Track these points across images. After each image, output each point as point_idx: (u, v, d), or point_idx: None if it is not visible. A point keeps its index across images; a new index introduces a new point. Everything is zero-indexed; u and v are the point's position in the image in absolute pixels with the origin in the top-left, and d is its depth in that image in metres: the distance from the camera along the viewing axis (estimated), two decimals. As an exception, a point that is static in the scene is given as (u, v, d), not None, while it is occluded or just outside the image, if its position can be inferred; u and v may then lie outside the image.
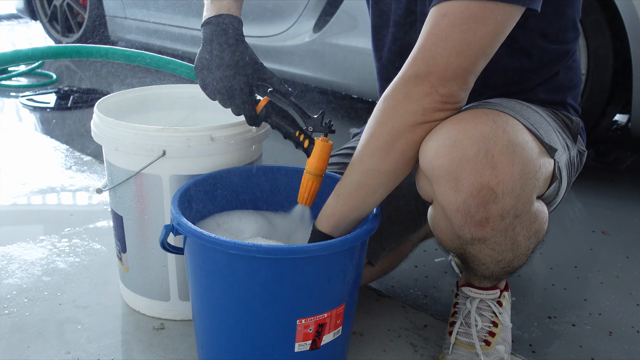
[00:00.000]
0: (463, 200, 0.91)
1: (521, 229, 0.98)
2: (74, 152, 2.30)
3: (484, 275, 1.12)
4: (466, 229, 0.95)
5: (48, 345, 1.20)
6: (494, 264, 1.05)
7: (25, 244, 1.58)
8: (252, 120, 1.10)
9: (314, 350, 0.99)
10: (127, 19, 3.73)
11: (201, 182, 1.12)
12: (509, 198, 0.91)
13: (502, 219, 0.93)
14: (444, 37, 0.89)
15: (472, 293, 1.16)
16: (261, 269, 0.90)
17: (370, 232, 0.97)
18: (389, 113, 0.93)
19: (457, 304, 1.21)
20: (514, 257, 1.04)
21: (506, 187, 0.90)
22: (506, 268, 1.07)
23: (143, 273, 1.25)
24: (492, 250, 1.01)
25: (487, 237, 0.97)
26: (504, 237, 0.97)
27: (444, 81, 0.89)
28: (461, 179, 0.90)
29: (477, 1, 0.87)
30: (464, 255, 1.06)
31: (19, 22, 5.84)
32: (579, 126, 1.20)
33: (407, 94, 0.91)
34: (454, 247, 1.05)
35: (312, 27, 2.62)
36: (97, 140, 1.20)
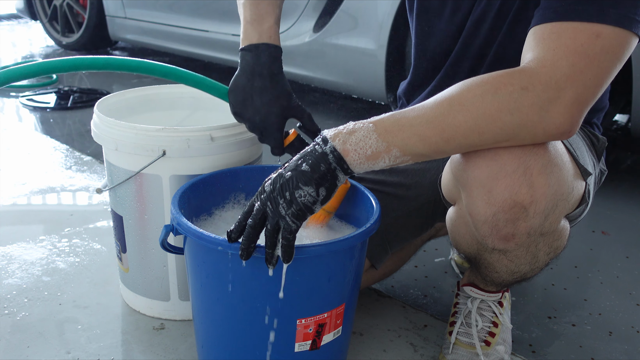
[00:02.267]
0: (493, 213, 0.90)
1: (544, 245, 0.98)
2: (74, 152, 2.30)
3: (493, 282, 1.12)
4: (489, 240, 0.95)
5: (48, 345, 1.20)
6: (508, 274, 1.05)
7: (25, 244, 1.58)
8: (276, 152, 1.12)
9: (314, 350, 0.99)
10: (127, 19, 3.73)
11: (201, 182, 1.12)
12: (539, 217, 0.90)
13: (528, 236, 0.93)
14: (597, 62, 0.82)
15: (473, 293, 1.16)
16: (261, 269, 0.90)
17: (370, 232, 0.97)
18: (518, 129, 0.84)
19: (457, 303, 1.21)
20: (529, 270, 1.04)
21: (538, 207, 0.89)
22: (518, 279, 1.07)
23: (143, 273, 1.25)
24: (510, 262, 1.01)
25: (509, 249, 0.96)
26: (525, 251, 0.97)
27: (584, 109, 0.83)
28: (495, 193, 0.89)
29: (625, 30, 0.82)
30: (477, 260, 1.06)
31: (19, 22, 5.85)
32: (604, 146, 1.19)
33: (541, 107, 0.82)
34: (470, 252, 1.05)
35: (312, 27, 2.62)
36: (97, 140, 1.20)
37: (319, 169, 0.84)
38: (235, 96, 1.10)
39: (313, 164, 0.85)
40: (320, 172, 0.84)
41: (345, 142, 0.85)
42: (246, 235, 0.86)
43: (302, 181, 0.84)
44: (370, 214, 1.03)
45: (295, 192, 0.83)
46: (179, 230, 0.96)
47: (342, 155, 0.85)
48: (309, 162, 0.85)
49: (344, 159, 0.85)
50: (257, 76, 1.08)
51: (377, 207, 1.02)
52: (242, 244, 0.86)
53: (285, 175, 0.85)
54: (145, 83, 1.47)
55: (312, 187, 0.84)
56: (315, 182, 0.84)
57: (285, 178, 0.84)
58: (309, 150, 0.87)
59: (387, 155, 0.85)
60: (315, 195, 0.84)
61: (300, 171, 0.84)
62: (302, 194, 0.84)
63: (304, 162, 0.85)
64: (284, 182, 0.84)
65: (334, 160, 0.85)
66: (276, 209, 0.84)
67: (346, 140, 0.85)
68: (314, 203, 0.85)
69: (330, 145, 0.85)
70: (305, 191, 0.84)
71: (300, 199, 0.84)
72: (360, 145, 0.85)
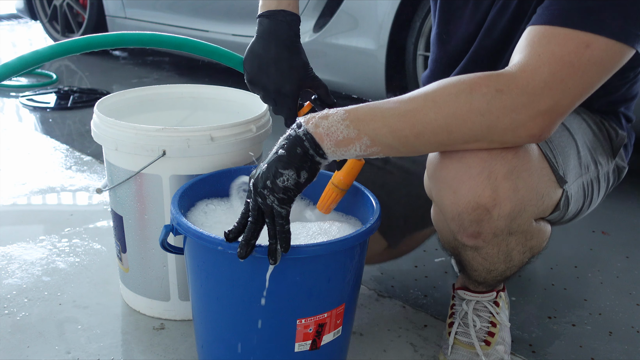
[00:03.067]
0: (458, 213, 0.92)
1: (516, 244, 0.98)
2: (74, 152, 2.30)
3: (477, 281, 1.12)
4: (459, 236, 0.97)
5: (48, 345, 1.20)
6: (486, 272, 1.06)
7: (25, 244, 1.58)
8: (290, 124, 1.09)
9: (314, 350, 0.99)
10: (127, 19, 3.73)
11: (201, 182, 1.11)
12: (503, 220, 0.92)
13: (494, 236, 0.94)
14: (581, 72, 0.81)
15: (467, 296, 1.17)
16: (261, 268, 0.90)
17: (370, 232, 0.97)
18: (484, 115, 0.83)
19: (454, 305, 1.21)
20: (506, 269, 1.04)
21: (502, 210, 0.90)
22: (498, 277, 1.08)
23: (143, 273, 1.25)
24: (484, 260, 1.01)
25: (479, 247, 0.98)
26: (497, 250, 0.98)
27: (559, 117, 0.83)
28: (459, 194, 0.91)
29: (620, 43, 0.82)
30: (458, 258, 1.07)
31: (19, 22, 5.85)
32: (623, 142, 1.17)
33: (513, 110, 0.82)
34: (451, 248, 1.06)
35: (312, 27, 2.62)
36: (97, 140, 1.20)
37: (295, 151, 0.84)
38: (250, 63, 1.07)
39: (289, 147, 0.85)
40: (297, 154, 0.84)
41: (318, 125, 0.85)
42: (247, 230, 0.85)
43: (280, 166, 0.84)
44: (371, 213, 1.03)
45: (276, 179, 0.83)
46: (179, 230, 0.96)
47: (315, 138, 0.85)
48: (285, 146, 0.85)
49: (319, 143, 0.85)
50: (273, 44, 1.05)
51: (377, 207, 1.02)
52: (243, 238, 0.86)
53: (264, 165, 0.85)
54: (145, 83, 1.48)
55: (291, 170, 0.84)
56: (294, 166, 0.84)
57: (265, 167, 0.85)
58: (285, 135, 0.87)
59: (358, 143, 0.85)
60: (296, 178, 0.84)
61: (277, 156, 0.85)
62: (284, 179, 0.84)
63: (280, 147, 0.86)
64: (265, 171, 0.85)
65: (309, 144, 0.85)
66: (264, 200, 0.84)
67: (318, 124, 0.85)
68: (297, 185, 0.84)
69: (304, 128, 0.85)
70: (286, 175, 0.84)
71: (282, 184, 0.83)
72: (331, 130, 0.85)
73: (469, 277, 1.12)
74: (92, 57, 4.19)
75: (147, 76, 3.69)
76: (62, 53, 1.06)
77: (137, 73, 3.79)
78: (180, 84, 1.46)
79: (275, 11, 1.06)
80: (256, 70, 1.07)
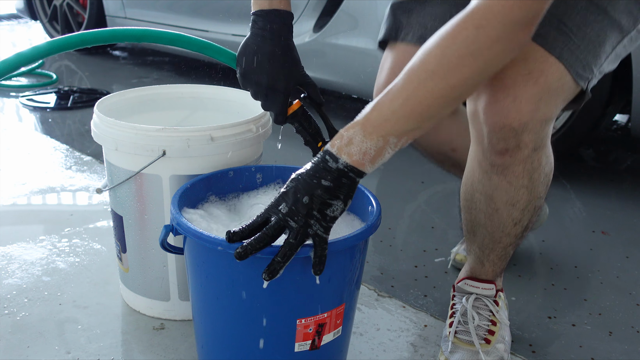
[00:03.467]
0: (488, 132, 1.00)
1: (538, 164, 1.04)
2: (74, 152, 2.30)
3: (488, 246, 1.14)
4: (489, 155, 1.03)
5: (48, 345, 1.20)
6: (508, 206, 1.08)
7: (25, 244, 1.58)
8: (280, 120, 1.12)
9: (314, 350, 0.99)
10: (127, 19, 3.73)
11: (201, 182, 1.12)
12: (527, 134, 0.98)
13: (518, 149, 1.00)
14: None
15: (467, 286, 1.18)
16: (261, 269, 0.90)
17: (370, 232, 0.97)
18: (485, 64, 0.85)
19: (454, 304, 1.21)
20: (527, 203, 1.08)
21: (526, 127, 0.97)
22: (516, 226, 1.11)
23: (143, 273, 1.26)
24: (509, 185, 1.05)
25: (506, 165, 1.03)
26: (522, 168, 1.03)
27: (536, 21, 0.85)
28: (488, 116, 0.98)
29: None
30: (484, 193, 1.09)
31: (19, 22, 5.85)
32: None
33: (510, 37, 0.83)
34: (476, 188, 1.10)
35: (312, 27, 2.62)
36: (97, 140, 1.20)
37: (341, 182, 0.87)
38: (244, 59, 1.09)
39: (334, 180, 0.86)
40: (345, 185, 0.87)
41: (351, 154, 0.86)
42: (258, 241, 0.86)
43: (327, 197, 0.86)
44: (371, 213, 1.03)
45: (324, 209, 0.86)
46: (179, 230, 0.96)
47: (356, 167, 0.87)
48: (328, 178, 0.86)
49: (361, 170, 0.87)
50: (267, 41, 1.08)
51: (377, 206, 1.02)
52: (250, 246, 0.86)
53: (308, 193, 0.86)
54: (145, 83, 1.48)
55: (339, 200, 0.87)
56: (342, 196, 0.87)
57: (307, 195, 0.86)
58: (322, 167, 0.87)
59: (387, 147, 0.87)
60: (344, 207, 0.87)
61: (324, 187, 0.86)
62: (333, 209, 0.87)
63: (321, 178, 0.86)
64: (308, 199, 0.86)
65: (354, 174, 0.87)
66: (305, 225, 0.86)
67: (350, 152, 0.86)
68: (342, 212, 0.88)
69: (343, 162, 0.87)
70: (335, 206, 0.87)
71: (331, 214, 0.86)
72: (363, 151, 0.86)
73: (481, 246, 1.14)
74: (92, 57, 4.20)
75: (147, 76, 3.69)
76: (58, 49, 1.06)
77: (137, 73, 3.79)
78: (180, 84, 1.46)
79: (268, 10, 1.08)
80: (250, 65, 1.09)
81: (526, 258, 1.65)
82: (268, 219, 0.87)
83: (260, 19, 1.08)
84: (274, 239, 0.87)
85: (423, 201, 2.06)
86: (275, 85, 1.08)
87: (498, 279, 1.24)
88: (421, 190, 2.13)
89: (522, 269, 1.58)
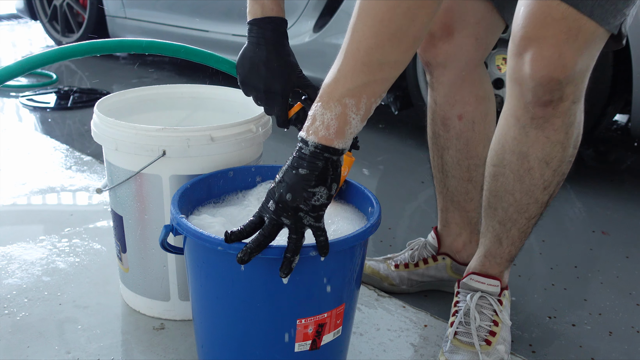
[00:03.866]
0: (534, 85, 1.02)
1: (574, 119, 1.07)
2: (74, 152, 2.30)
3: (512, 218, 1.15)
4: (532, 107, 1.05)
5: (48, 345, 1.20)
6: (542, 164, 1.09)
7: (25, 244, 1.58)
8: (282, 123, 1.14)
9: (314, 350, 0.99)
10: (127, 19, 3.73)
11: (201, 182, 1.12)
12: (570, 86, 1.02)
13: (561, 101, 1.03)
14: None
15: (473, 282, 1.18)
16: (261, 269, 0.90)
17: (370, 232, 0.97)
18: None
19: (457, 302, 1.21)
20: (559, 163, 1.09)
21: (570, 79, 1.01)
22: (545, 191, 1.12)
23: (143, 273, 1.26)
24: (547, 139, 1.07)
25: (547, 117, 1.05)
26: (560, 122, 1.06)
27: None
28: (536, 69, 1.01)
29: None
30: (518, 155, 1.11)
31: (19, 22, 5.85)
32: None
33: None
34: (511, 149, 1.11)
35: (312, 27, 2.62)
36: (97, 140, 1.20)
37: (316, 165, 0.84)
38: (242, 66, 1.14)
39: (309, 165, 0.84)
40: (319, 167, 0.84)
41: (317, 132, 0.84)
42: (257, 244, 0.86)
43: (307, 186, 0.84)
44: (371, 213, 1.03)
45: (310, 199, 0.85)
46: (179, 230, 0.96)
47: (324, 144, 0.84)
48: (304, 165, 0.85)
49: (331, 146, 0.85)
50: (262, 48, 1.11)
51: (377, 206, 1.02)
52: (250, 249, 0.86)
53: (284, 187, 0.85)
54: (145, 83, 1.48)
55: (322, 186, 0.85)
56: (322, 180, 0.85)
57: (289, 189, 0.85)
58: (297, 155, 0.86)
59: (349, 112, 0.84)
60: (328, 192, 0.86)
61: (301, 176, 0.84)
62: (318, 197, 0.85)
63: (298, 167, 0.85)
64: (292, 193, 0.85)
65: (327, 153, 0.85)
66: (296, 219, 0.85)
67: (316, 130, 0.84)
68: (329, 197, 0.86)
69: (312, 142, 0.84)
70: (319, 193, 0.85)
71: (318, 203, 0.85)
72: (326, 125, 0.84)
73: (513, 204, 1.14)
74: (92, 57, 4.19)
75: (147, 76, 3.69)
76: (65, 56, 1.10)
77: (137, 73, 3.79)
78: (180, 84, 1.46)
79: (261, 19, 1.12)
80: (247, 71, 1.13)
81: (526, 258, 1.65)
82: (262, 219, 0.88)
83: (255, 27, 1.12)
84: (272, 238, 0.87)
85: (423, 201, 2.06)
86: (272, 90, 1.11)
87: (505, 272, 1.24)
88: (421, 190, 2.13)
89: (522, 269, 1.58)
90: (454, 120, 1.33)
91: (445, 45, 1.27)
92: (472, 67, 1.30)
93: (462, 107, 1.32)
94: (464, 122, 1.33)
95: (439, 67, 1.30)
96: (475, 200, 1.39)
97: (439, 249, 1.44)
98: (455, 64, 1.29)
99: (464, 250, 1.43)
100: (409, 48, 0.85)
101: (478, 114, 1.32)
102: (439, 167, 1.39)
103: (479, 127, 1.33)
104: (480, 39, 1.28)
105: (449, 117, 1.33)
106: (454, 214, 1.41)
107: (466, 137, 1.33)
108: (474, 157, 1.34)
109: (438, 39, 1.26)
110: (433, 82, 1.33)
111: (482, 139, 1.33)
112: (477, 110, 1.32)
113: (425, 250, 1.46)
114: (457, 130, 1.33)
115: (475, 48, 1.28)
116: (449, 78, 1.30)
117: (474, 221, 1.41)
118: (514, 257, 1.22)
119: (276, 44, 1.12)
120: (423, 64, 1.33)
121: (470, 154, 1.34)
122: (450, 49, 1.27)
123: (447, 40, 1.26)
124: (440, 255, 1.44)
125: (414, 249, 1.47)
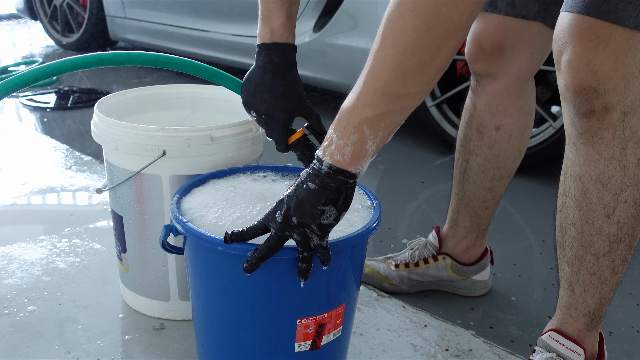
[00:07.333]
0: (571, 95, 0.97)
1: (631, 134, 0.95)
2: (74, 152, 2.30)
3: (578, 255, 1.04)
4: (576, 121, 0.99)
5: (48, 345, 1.20)
6: (598, 185, 0.99)
7: (25, 244, 1.58)
8: (279, 148, 1.15)
9: (314, 350, 0.99)
10: (127, 19, 3.73)
11: (201, 182, 1.11)
12: (612, 95, 0.93)
13: (606, 111, 0.95)
14: None
15: (551, 340, 1.08)
16: (261, 269, 0.90)
17: (370, 232, 0.97)
18: (427, 20, 0.79)
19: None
20: (621, 185, 0.98)
21: (607, 86, 0.93)
22: (609, 219, 1.00)
23: (143, 273, 1.26)
24: (598, 156, 0.97)
25: (594, 129, 0.97)
26: (612, 134, 0.96)
27: None
28: (568, 81, 0.96)
29: None
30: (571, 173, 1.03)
31: (19, 22, 5.85)
32: None
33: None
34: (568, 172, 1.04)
35: (312, 27, 2.62)
36: (97, 140, 1.20)
37: (326, 185, 0.85)
38: (247, 89, 1.14)
39: (320, 181, 0.85)
40: (330, 188, 0.85)
41: (332, 154, 0.85)
42: (261, 254, 0.87)
43: (318, 203, 0.84)
44: (372, 213, 1.03)
45: (320, 217, 0.84)
46: (179, 230, 0.96)
47: (338, 167, 0.85)
48: (316, 182, 0.85)
49: (343, 169, 0.85)
50: (269, 74, 1.11)
51: (377, 206, 1.02)
52: (254, 260, 0.87)
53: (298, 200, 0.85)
54: (145, 83, 1.48)
55: (331, 206, 0.85)
56: (332, 201, 0.85)
57: (300, 204, 0.85)
58: (311, 171, 0.86)
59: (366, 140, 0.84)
60: (337, 214, 0.85)
61: (310, 190, 0.85)
62: (327, 217, 0.85)
63: (308, 181, 0.85)
64: (301, 208, 0.85)
65: (341, 176, 0.85)
66: (303, 236, 0.86)
67: (332, 153, 0.85)
68: (337, 219, 0.86)
69: (326, 163, 0.85)
70: (328, 213, 0.85)
71: (325, 222, 0.85)
72: (341, 150, 0.84)
73: (576, 238, 1.04)
74: (92, 57, 4.19)
75: (147, 76, 3.69)
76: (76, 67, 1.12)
77: (137, 73, 3.79)
78: (180, 84, 1.46)
79: (270, 44, 1.11)
80: (251, 94, 1.13)
81: (526, 258, 1.65)
82: (267, 227, 0.88)
83: (263, 51, 1.11)
84: (277, 250, 0.87)
85: (423, 201, 2.07)
86: (273, 116, 1.12)
87: (591, 336, 1.09)
88: (421, 190, 2.13)
89: (522, 269, 1.58)
90: (490, 129, 1.30)
91: (497, 59, 1.24)
92: (523, 80, 1.27)
93: (503, 119, 1.29)
94: (500, 134, 1.30)
95: (487, 77, 1.27)
96: (491, 209, 1.38)
97: (439, 249, 1.44)
98: (506, 76, 1.26)
99: (467, 252, 1.43)
100: (431, 80, 0.84)
101: (517, 128, 1.30)
102: (461, 169, 1.36)
103: (515, 140, 1.31)
104: (535, 54, 1.25)
105: (486, 125, 1.30)
106: (465, 218, 1.40)
107: (499, 149, 1.31)
108: (501, 168, 1.32)
109: (489, 54, 1.24)
110: (477, 89, 1.30)
111: (514, 152, 1.32)
112: (516, 124, 1.30)
113: (425, 249, 1.46)
114: (492, 139, 1.31)
115: (529, 62, 1.25)
116: (496, 88, 1.27)
117: (483, 227, 1.40)
118: (592, 311, 1.07)
119: (283, 70, 1.11)
120: (471, 70, 1.30)
121: (499, 165, 1.32)
122: (502, 63, 1.24)
123: (499, 56, 1.24)
124: (441, 255, 1.44)
125: (414, 249, 1.47)
